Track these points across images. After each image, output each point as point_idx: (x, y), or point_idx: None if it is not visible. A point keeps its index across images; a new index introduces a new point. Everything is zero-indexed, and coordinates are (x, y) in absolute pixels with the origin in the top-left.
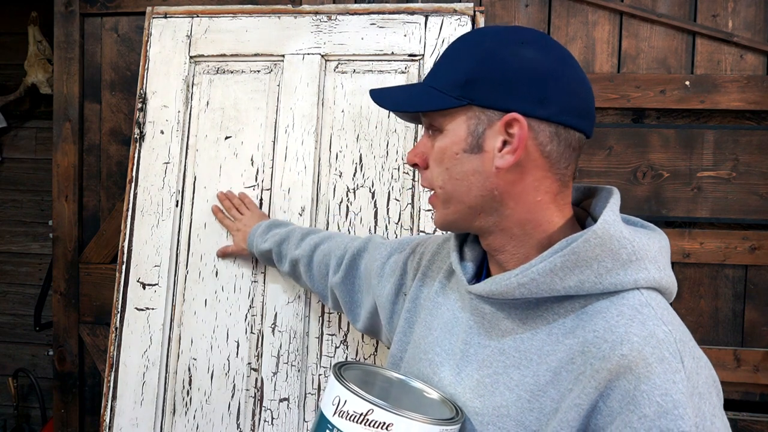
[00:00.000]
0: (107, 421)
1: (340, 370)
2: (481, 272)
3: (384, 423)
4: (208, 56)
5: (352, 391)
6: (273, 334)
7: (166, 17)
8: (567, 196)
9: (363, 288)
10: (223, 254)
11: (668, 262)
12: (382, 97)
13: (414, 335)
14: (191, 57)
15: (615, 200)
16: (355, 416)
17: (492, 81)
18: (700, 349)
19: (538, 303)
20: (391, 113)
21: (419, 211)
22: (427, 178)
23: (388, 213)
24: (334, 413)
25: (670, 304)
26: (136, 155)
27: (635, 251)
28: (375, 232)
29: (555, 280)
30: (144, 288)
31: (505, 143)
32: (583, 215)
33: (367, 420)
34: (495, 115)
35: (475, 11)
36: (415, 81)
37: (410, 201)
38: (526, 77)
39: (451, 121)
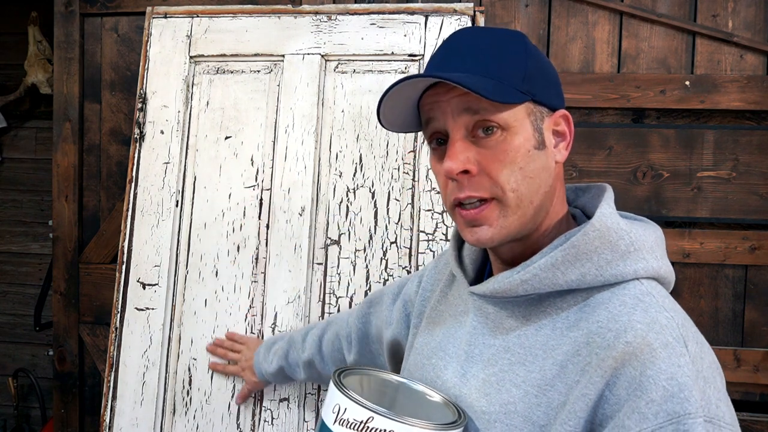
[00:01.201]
0: (107, 421)
1: (340, 377)
2: (482, 274)
3: (384, 430)
4: (208, 56)
5: (351, 399)
6: (273, 334)
7: (166, 17)
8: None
9: (381, 349)
10: (243, 398)
11: (664, 252)
12: (454, 73)
13: (417, 343)
14: (191, 57)
15: (609, 195)
16: (356, 424)
17: (543, 78)
18: (702, 336)
19: (540, 299)
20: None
21: (419, 211)
22: (482, 184)
23: (388, 213)
24: (335, 421)
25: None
26: (136, 155)
27: (633, 242)
28: (375, 233)
29: (557, 275)
30: (144, 288)
31: (555, 136)
32: (577, 214)
33: (368, 427)
34: (545, 111)
35: (475, 11)
36: None
37: (410, 201)
38: (555, 76)
39: (516, 118)
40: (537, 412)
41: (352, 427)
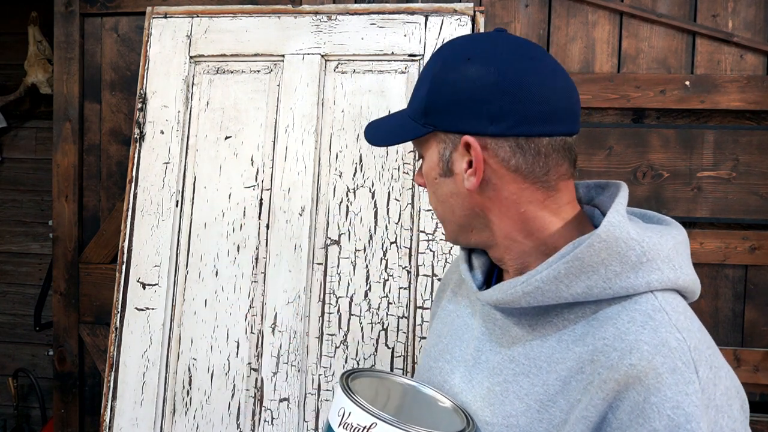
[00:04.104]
0: (107, 421)
1: (348, 380)
2: (491, 278)
3: None
4: (208, 56)
5: (356, 403)
6: (273, 334)
7: (166, 17)
8: (561, 198)
9: None
10: None
11: (686, 259)
12: (371, 133)
13: (426, 344)
14: (191, 57)
15: (621, 198)
16: (359, 429)
17: (445, 105)
18: (721, 358)
19: (548, 309)
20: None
21: (419, 211)
22: (429, 199)
23: (388, 213)
24: (339, 424)
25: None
26: (136, 155)
27: (645, 252)
28: (375, 233)
29: (561, 288)
30: (144, 288)
31: (470, 164)
32: (596, 213)
33: None
34: (457, 138)
35: (475, 11)
36: (414, 81)
37: (410, 201)
38: (472, 97)
39: (427, 148)
40: (538, 428)
41: (355, 431)
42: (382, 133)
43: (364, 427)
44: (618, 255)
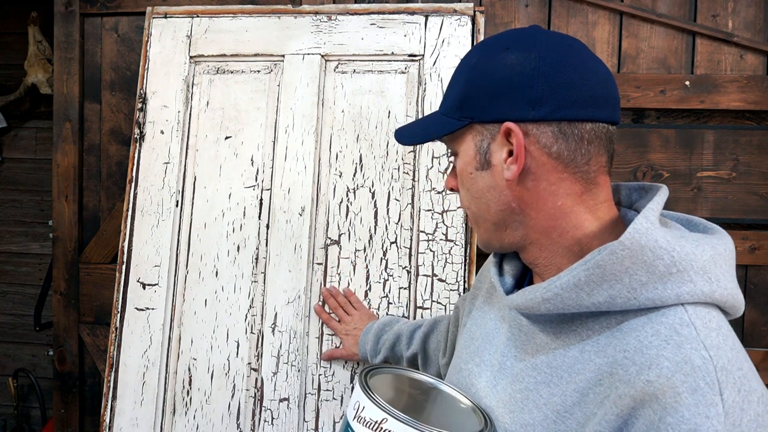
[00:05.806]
0: (107, 421)
1: (367, 375)
2: (522, 284)
3: None
4: (208, 56)
5: (369, 398)
6: (273, 334)
7: (166, 17)
8: (598, 194)
9: None
10: (331, 357)
11: (726, 272)
12: (403, 134)
13: (458, 345)
14: (191, 57)
15: (653, 204)
16: (371, 423)
17: (483, 95)
18: (756, 382)
19: (573, 317)
20: (394, 115)
21: (419, 211)
22: (460, 200)
23: (388, 213)
24: (354, 417)
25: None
26: (136, 155)
27: (675, 262)
28: (375, 233)
29: (581, 296)
30: (144, 288)
31: (510, 153)
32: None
33: (381, 429)
34: (495, 128)
35: (475, 11)
36: (414, 81)
37: (410, 201)
38: (512, 83)
39: (462, 143)
40: None
41: (368, 425)
42: (413, 133)
43: (376, 422)
44: (644, 264)
